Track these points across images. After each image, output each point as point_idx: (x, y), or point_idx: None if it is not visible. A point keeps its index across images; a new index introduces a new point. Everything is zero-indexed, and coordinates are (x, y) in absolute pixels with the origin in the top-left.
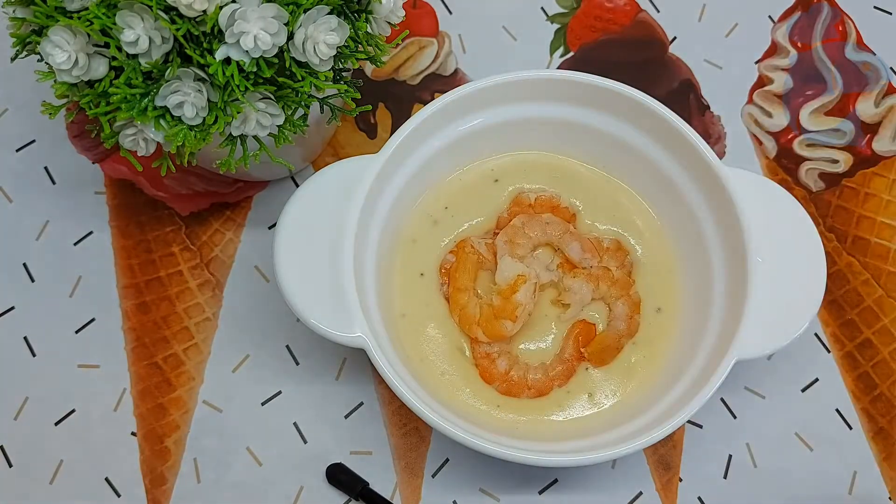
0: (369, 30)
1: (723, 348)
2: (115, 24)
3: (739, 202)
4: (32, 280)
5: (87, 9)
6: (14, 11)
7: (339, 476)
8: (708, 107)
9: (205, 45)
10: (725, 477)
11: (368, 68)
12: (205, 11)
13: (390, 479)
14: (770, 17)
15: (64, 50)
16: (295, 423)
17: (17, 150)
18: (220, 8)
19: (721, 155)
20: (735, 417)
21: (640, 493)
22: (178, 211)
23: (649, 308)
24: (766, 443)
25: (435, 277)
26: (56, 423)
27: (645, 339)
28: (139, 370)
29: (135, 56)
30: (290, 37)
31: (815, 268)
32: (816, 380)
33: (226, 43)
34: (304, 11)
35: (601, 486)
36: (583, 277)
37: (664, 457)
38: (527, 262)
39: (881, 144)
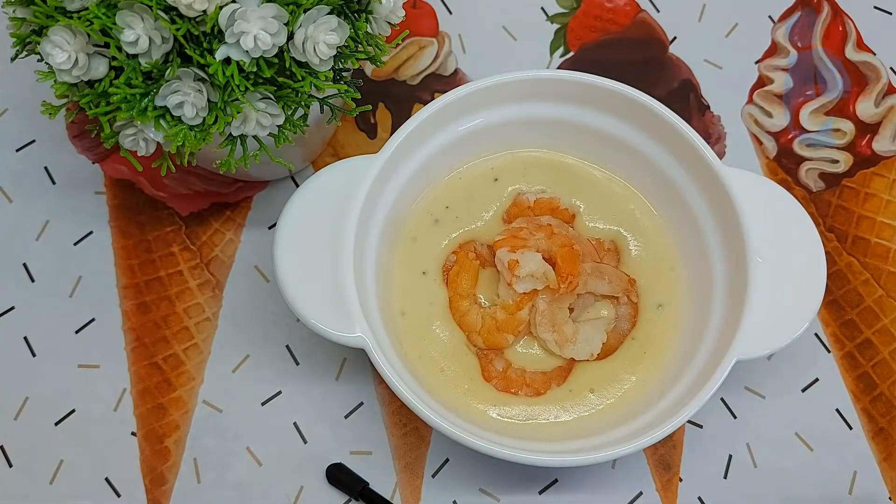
0: (369, 30)
1: (723, 348)
2: (115, 24)
3: (739, 202)
4: (32, 280)
5: (87, 9)
6: (14, 11)
7: (339, 476)
8: (708, 107)
9: (205, 45)
10: (725, 477)
11: (368, 68)
12: (205, 11)
13: (390, 479)
14: (770, 17)
15: (64, 50)
16: (295, 423)
17: (17, 150)
18: (220, 8)
19: (721, 155)
20: (735, 417)
21: (640, 493)
22: (178, 211)
23: (650, 304)
24: (766, 443)
25: (437, 276)
26: (56, 423)
27: (645, 335)
28: (139, 370)
29: (135, 56)
30: (290, 37)
31: (815, 268)
32: (816, 380)
33: (226, 43)
34: (304, 11)
35: (601, 486)
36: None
37: (664, 457)
38: None
39: (881, 144)
